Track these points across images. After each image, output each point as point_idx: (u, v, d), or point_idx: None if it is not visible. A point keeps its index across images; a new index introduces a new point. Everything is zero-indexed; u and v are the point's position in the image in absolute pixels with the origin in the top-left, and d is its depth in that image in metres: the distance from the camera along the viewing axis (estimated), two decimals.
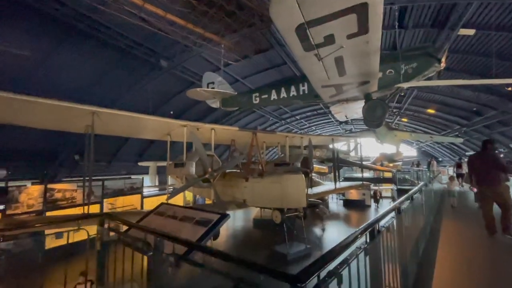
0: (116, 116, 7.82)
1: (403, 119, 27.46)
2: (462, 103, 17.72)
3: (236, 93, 9.17)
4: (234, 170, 14.83)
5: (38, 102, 5.80)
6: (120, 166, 18.09)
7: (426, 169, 24.06)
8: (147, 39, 10.73)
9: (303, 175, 9.25)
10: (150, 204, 14.89)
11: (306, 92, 7.43)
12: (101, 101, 12.30)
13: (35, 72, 9.81)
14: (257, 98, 8.50)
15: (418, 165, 27.88)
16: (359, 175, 33.59)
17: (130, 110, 7.92)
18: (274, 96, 8.17)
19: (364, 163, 27.68)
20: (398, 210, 3.47)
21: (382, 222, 2.73)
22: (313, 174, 15.23)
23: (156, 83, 13.16)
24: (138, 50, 10.90)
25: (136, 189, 16.84)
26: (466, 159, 22.32)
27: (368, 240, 2.50)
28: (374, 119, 6.32)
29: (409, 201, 4.35)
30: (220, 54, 10.19)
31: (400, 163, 29.37)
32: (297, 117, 27.00)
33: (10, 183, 11.40)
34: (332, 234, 17.42)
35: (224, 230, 18.16)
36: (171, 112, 16.37)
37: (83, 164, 16.24)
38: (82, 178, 15.50)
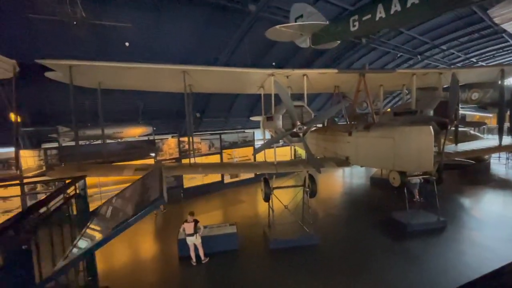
0: (204, 72, 7.84)
1: None
2: None
3: (327, 22, 6.98)
4: (342, 123, 12.66)
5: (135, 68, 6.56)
6: (235, 121, 19.84)
7: None
8: None
9: (430, 127, 6.41)
10: (261, 156, 15.72)
11: None
12: (206, 62, 13.09)
13: (142, 42, 11.31)
14: (356, 23, 6.05)
15: None
16: None
17: (231, 66, 7.74)
18: (381, 13, 5.50)
19: None
20: None
21: None
22: (468, 125, 10.78)
23: (252, 34, 12.45)
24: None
25: (248, 142, 18.20)
26: None
27: None
28: None
29: None
30: None
31: None
32: (443, 47, 19.50)
33: (156, 137, 14.91)
34: (488, 208, 12.49)
35: (332, 187, 17.00)
36: (273, 64, 15.56)
37: (205, 121, 19.02)
38: (205, 132, 18.24)
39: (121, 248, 9.68)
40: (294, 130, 7.18)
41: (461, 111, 20.67)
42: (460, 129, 18.82)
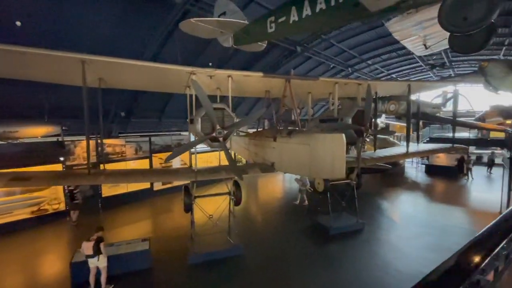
0: (113, 65, 6.69)
1: None
2: None
3: (245, 21, 6.66)
4: (275, 128, 12.64)
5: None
6: (170, 123, 18.43)
7: None
8: None
9: (342, 135, 6.53)
10: (201, 161, 14.67)
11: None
12: (132, 55, 11.70)
13: (40, 24, 9.46)
14: (273, 24, 5.84)
15: None
16: (456, 134, 26.25)
17: (159, 62, 6.74)
18: (294, 16, 5.36)
19: (464, 119, 20.88)
20: None
21: None
22: (380, 133, 11.74)
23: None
24: None
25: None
26: None
27: None
28: (470, 25, 3.07)
29: None
30: None
31: None
32: (369, 62, 21.60)
33: (67, 138, 12.69)
34: (401, 208, 14.06)
35: (266, 192, 17.04)
36: (210, 64, 14.85)
37: (134, 121, 17.19)
38: (134, 134, 16.45)
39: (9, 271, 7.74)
40: (213, 134, 6.60)
41: (386, 121, 23.01)
42: (382, 136, 21.21)
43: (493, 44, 17.93)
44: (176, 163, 16.87)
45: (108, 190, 13.58)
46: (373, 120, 9.32)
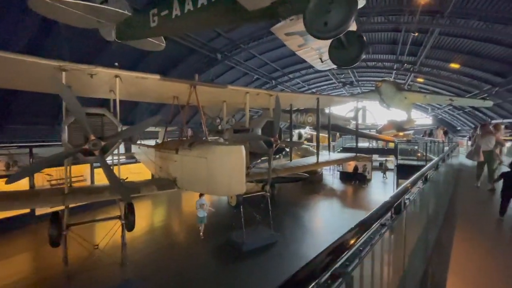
0: None
1: (418, 79, 22.84)
2: (500, 51, 13.19)
3: (126, 11, 5.64)
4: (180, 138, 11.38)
5: None
6: None
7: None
8: None
9: (241, 147, 6.01)
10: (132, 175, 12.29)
11: None
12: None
13: None
14: (156, 18, 4.99)
15: (430, 134, 23.95)
16: (364, 144, 30.07)
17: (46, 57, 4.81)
18: (176, 10, 4.65)
19: (368, 131, 24.02)
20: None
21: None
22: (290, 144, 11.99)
23: None
24: None
25: None
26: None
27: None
28: (330, 30, 2.91)
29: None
30: None
31: (411, 131, 25.47)
32: (290, 76, 22.81)
33: None
34: (317, 215, 14.78)
35: (166, 208, 15.45)
36: (116, 64, 12.91)
37: (11, 128, 13.64)
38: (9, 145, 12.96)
39: None
40: (86, 146, 5.20)
41: (310, 132, 24.32)
42: (304, 146, 22.54)
43: (385, 68, 21.18)
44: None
45: None
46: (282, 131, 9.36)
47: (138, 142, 15.05)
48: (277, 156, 16.47)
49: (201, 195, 10.22)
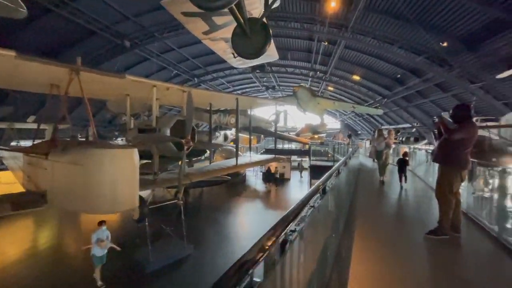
0: None
1: (329, 87, 25.54)
2: (388, 68, 15.75)
3: None
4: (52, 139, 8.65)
5: None
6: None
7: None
8: None
9: (133, 151, 4.79)
10: None
11: None
12: None
13: None
14: None
15: (350, 136, 27.32)
16: (284, 146, 31.83)
17: None
18: None
19: (288, 134, 25.40)
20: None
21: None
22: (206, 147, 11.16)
23: None
24: None
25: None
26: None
27: None
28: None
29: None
30: None
31: (324, 134, 28.27)
32: (214, 74, 21.95)
33: None
34: (233, 220, 14.26)
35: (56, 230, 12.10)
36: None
37: None
38: None
39: None
40: None
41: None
42: (229, 147, 21.99)
43: (302, 75, 22.78)
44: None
45: None
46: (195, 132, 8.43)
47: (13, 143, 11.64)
48: (202, 159, 15.41)
49: (100, 223, 7.51)
